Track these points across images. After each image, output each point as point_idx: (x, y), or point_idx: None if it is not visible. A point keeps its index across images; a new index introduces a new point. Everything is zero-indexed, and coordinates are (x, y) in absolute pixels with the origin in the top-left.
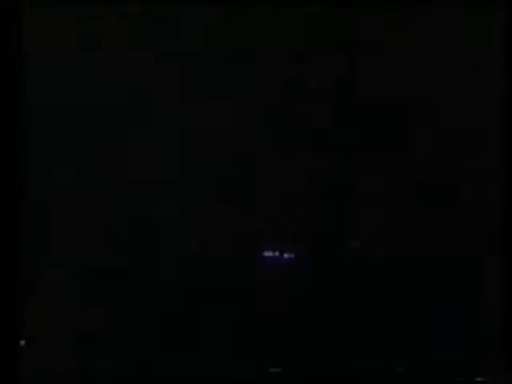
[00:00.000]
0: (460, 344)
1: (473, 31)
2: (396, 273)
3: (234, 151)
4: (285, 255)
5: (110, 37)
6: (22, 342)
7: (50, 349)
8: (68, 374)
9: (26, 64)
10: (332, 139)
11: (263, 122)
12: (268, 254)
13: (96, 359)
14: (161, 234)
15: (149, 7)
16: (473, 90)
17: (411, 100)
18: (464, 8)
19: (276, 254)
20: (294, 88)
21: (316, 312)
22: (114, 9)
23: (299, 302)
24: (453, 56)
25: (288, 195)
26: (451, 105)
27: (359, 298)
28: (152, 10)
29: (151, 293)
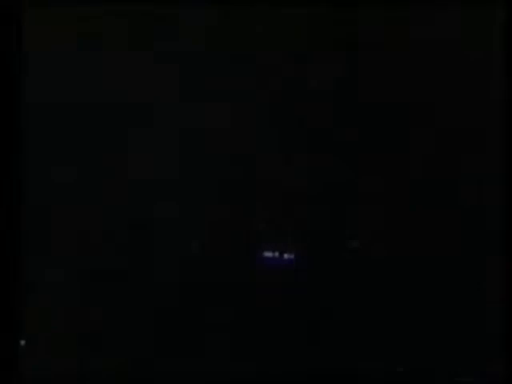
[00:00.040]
0: (460, 344)
1: (473, 31)
2: (396, 273)
3: (234, 151)
4: (285, 255)
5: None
6: (22, 343)
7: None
8: (69, 374)
9: (26, 64)
10: (332, 139)
11: (263, 122)
12: (268, 255)
13: (96, 359)
14: (161, 234)
15: (149, 7)
16: (473, 90)
17: (411, 100)
18: (464, 8)
19: (276, 255)
20: (294, 88)
21: (316, 312)
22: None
23: (299, 303)
24: (453, 56)
25: (288, 195)
26: (451, 105)
27: (360, 298)
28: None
29: (151, 293)
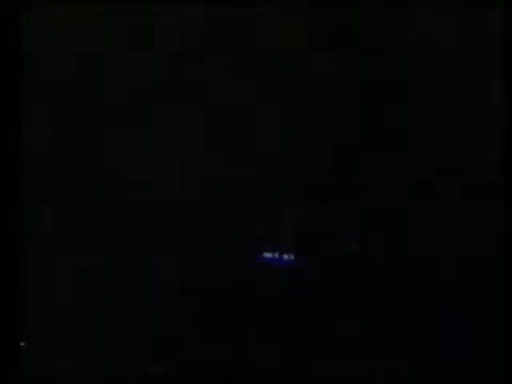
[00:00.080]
0: (460, 345)
1: (473, 31)
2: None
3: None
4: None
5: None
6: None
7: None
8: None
9: (26, 64)
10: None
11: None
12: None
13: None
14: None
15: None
16: (473, 90)
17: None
18: (464, 8)
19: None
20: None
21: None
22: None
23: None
24: (453, 55)
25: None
26: (451, 104)
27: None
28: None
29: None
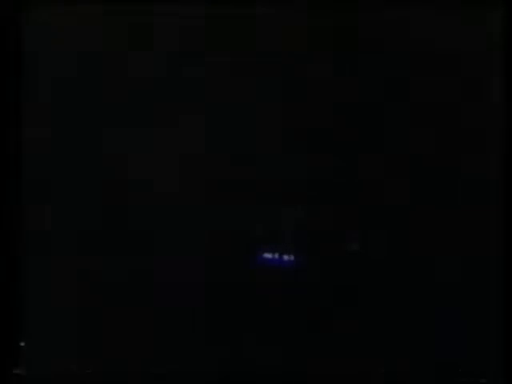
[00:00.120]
0: (460, 345)
1: (473, 31)
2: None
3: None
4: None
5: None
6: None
7: None
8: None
9: (26, 64)
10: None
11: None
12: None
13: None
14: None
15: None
16: (473, 90)
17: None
18: (464, 8)
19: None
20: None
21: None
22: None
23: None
24: (453, 55)
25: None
26: (451, 104)
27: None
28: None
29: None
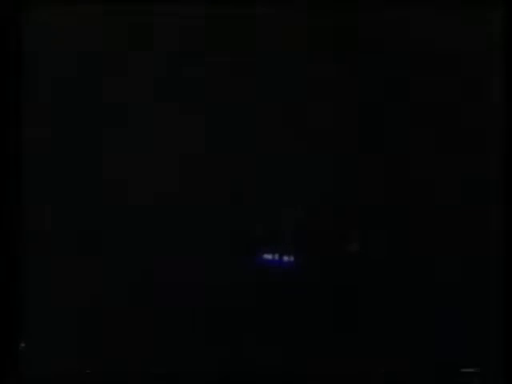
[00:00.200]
0: (460, 345)
1: (473, 31)
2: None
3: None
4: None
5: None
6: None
7: None
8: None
9: (26, 64)
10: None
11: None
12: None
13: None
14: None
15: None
16: (473, 90)
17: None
18: (464, 8)
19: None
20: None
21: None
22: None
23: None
24: (453, 55)
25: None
26: (451, 104)
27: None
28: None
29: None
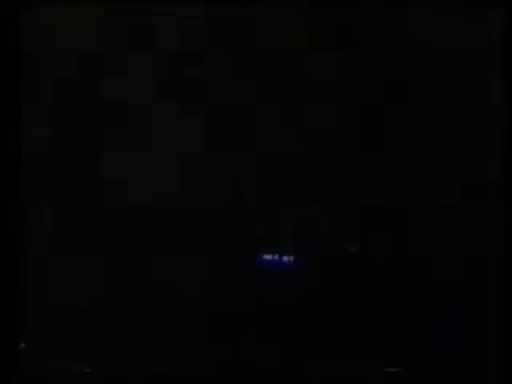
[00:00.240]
0: (460, 345)
1: (473, 31)
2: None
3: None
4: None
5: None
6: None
7: None
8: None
9: (26, 64)
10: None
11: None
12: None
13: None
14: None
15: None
16: (473, 90)
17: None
18: (464, 8)
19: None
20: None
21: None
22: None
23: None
24: (453, 55)
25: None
26: (451, 104)
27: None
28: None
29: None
